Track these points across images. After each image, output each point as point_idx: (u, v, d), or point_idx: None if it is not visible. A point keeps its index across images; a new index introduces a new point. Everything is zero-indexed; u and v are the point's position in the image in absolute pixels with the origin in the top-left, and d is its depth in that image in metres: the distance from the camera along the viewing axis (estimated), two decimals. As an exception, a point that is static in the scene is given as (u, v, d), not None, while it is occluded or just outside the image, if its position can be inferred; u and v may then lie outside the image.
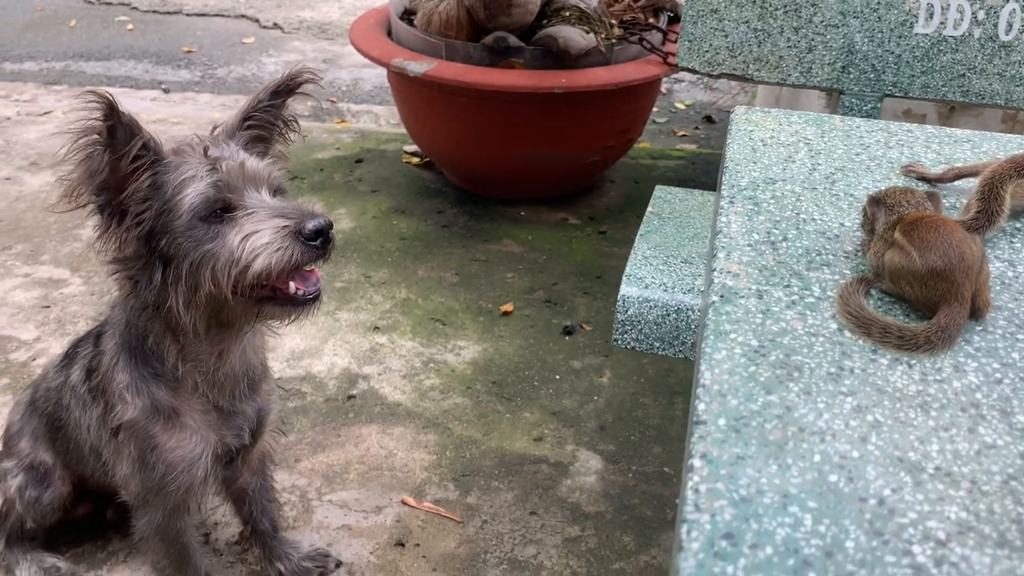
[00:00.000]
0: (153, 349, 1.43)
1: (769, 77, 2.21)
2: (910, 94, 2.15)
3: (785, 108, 3.50)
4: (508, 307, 2.81)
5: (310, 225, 1.27)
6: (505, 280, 2.94)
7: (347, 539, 2.00)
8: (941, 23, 2.09)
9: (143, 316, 1.40)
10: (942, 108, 2.82)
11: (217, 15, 5.61)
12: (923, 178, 0.79)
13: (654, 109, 4.58)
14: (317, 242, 1.28)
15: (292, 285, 1.33)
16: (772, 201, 0.85)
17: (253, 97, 1.44)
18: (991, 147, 1.00)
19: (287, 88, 1.45)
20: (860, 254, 0.79)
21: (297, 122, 1.51)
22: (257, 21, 5.53)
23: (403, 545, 1.99)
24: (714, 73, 2.23)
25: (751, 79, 2.21)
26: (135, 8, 5.64)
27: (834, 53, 2.14)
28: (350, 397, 2.42)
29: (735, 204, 0.84)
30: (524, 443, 2.29)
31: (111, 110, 1.20)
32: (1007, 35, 2.07)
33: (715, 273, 0.74)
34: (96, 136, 1.21)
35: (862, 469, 0.54)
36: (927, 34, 2.09)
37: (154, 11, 5.63)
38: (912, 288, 0.70)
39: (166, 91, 4.55)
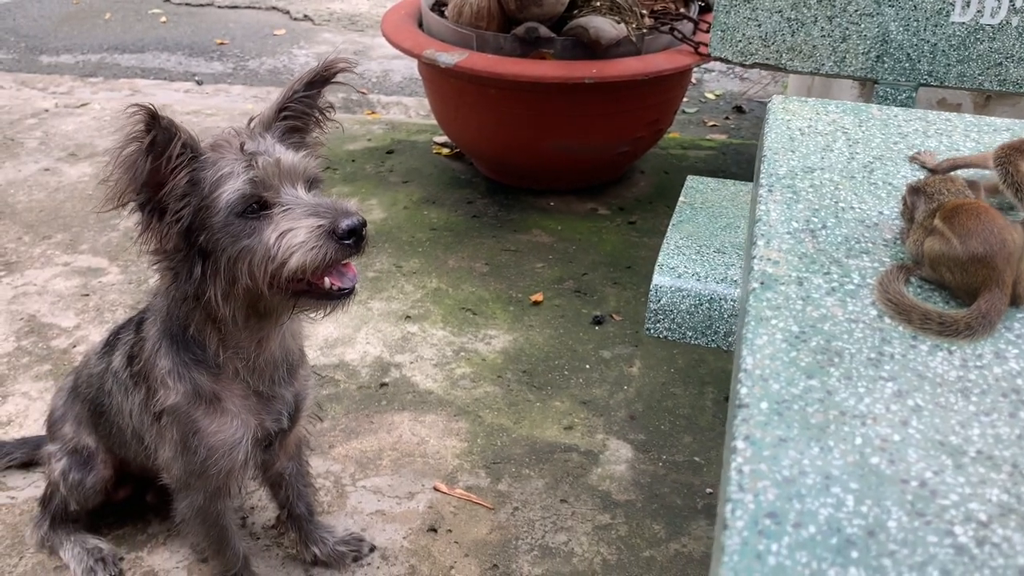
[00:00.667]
0: (194, 337, 1.47)
1: (802, 67, 2.20)
2: (946, 83, 2.13)
3: (817, 98, 3.48)
4: (538, 297, 2.82)
5: (344, 224, 1.29)
6: (535, 270, 2.95)
7: (380, 524, 2.02)
8: (978, 11, 2.07)
9: (184, 306, 1.44)
10: (978, 97, 2.79)
11: (248, 7, 5.66)
12: (925, 167, 0.80)
13: (684, 99, 4.57)
14: (351, 241, 1.30)
15: (327, 280, 1.35)
16: (811, 190, 0.86)
17: (288, 88, 1.45)
18: (1031, 136, 1.00)
19: (322, 78, 1.47)
20: (899, 242, 0.79)
21: (334, 109, 1.53)
22: (288, 13, 5.57)
23: (435, 531, 2.01)
24: (747, 63, 2.23)
25: (784, 69, 2.20)
26: (168, 1, 5.70)
27: (868, 42, 2.13)
28: (382, 385, 2.45)
29: (774, 192, 0.85)
30: (554, 431, 2.31)
31: (152, 119, 1.24)
32: (1045, 23, 2.05)
33: (755, 260, 0.75)
34: (137, 144, 1.25)
35: (903, 452, 0.55)
36: (964, 23, 2.07)
37: (187, 3, 5.68)
38: (953, 274, 0.71)
39: (199, 83, 4.60)
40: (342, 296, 1.38)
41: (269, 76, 4.73)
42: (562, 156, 3.19)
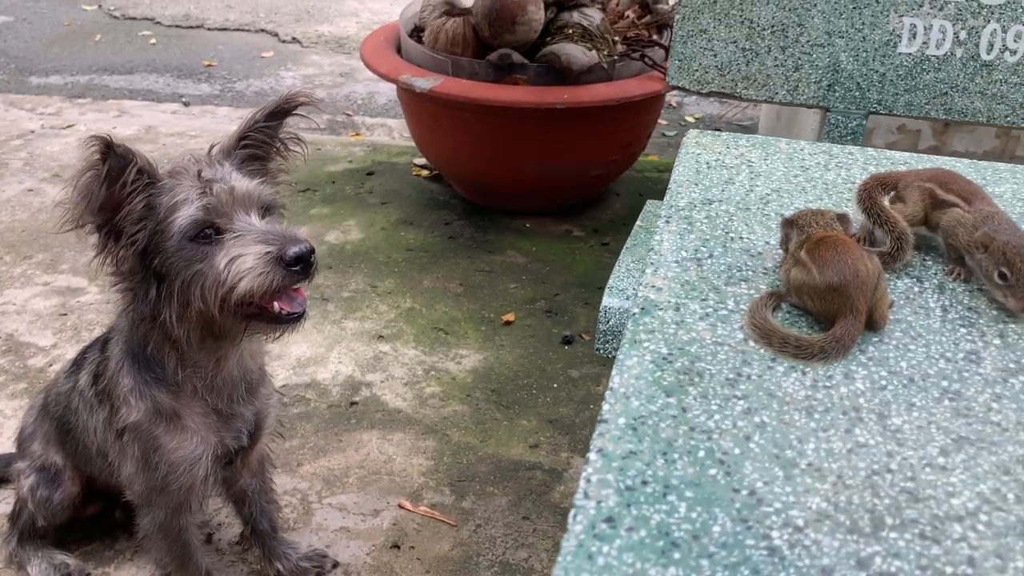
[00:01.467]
0: (154, 356, 1.52)
1: (757, 95, 2.27)
2: (894, 112, 2.20)
3: (786, 122, 3.55)
4: (510, 317, 2.88)
5: (291, 251, 1.34)
6: (508, 290, 3.01)
7: (344, 541, 2.07)
8: (924, 43, 2.14)
9: (142, 326, 1.49)
10: (936, 124, 2.87)
11: (238, 29, 5.74)
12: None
13: (663, 122, 4.65)
14: (298, 267, 1.35)
15: (277, 304, 1.40)
16: (706, 221, 0.91)
17: (249, 118, 1.51)
18: (924, 167, 1.06)
19: (283, 110, 1.52)
20: (777, 271, 0.85)
21: (300, 139, 1.58)
22: (276, 35, 5.66)
23: (398, 547, 2.05)
24: (703, 91, 2.30)
25: (739, 97, 2.27)
26: (158, 23, 5.79)
27: (820, 72, 2.20)
28: (352, 404, 2.50)
29: (670, 223, 0.91)
30: (520, 450, 2.36)
31: (107, 147, 1.30)
32: (988, 55, 2.12)
33: (640, 287, 0.81)
34: (93, 171, 1.31)
35: (740, 464, 0.61)
36: (910, 53, 2.15)
37: (176, 25, 5.77)
38: (813, 302, 0.76)
39: (186, 104, 4.67)
40: (291, 320, 1.42)
41: (255, 98, 4.80)
42: (536, 178, 3.26)
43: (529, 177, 3.25)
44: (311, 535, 2.09)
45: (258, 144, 1.52)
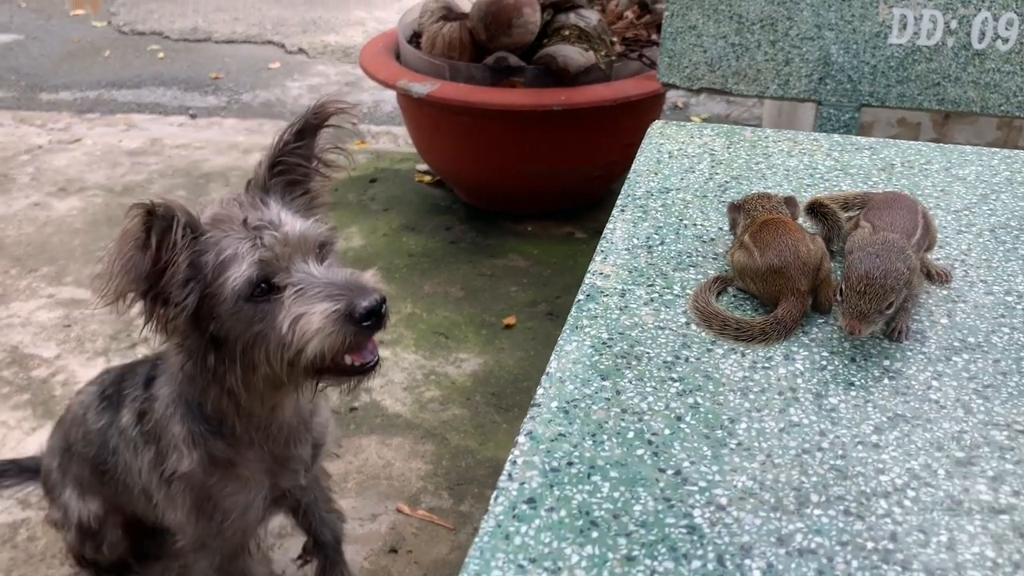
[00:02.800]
0: (213, 410, 1.42)
1: (748, 90, 2.26)
2: (887, 103, 2.19)
3: (787, 118, 3.53)
4: (511, 320, 2.87)
5: (362, 307, 1.20)
6: (509, 294, 3.01)
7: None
8: (915, 33, 2.13)
9: (199, 383, 1.38)
10: (936, 116, 2.84)
11: (245, 41, 5.79)
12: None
13: (683, 122, 4.63)
14: (370, 322, 1.22)
15: (348, 357, 1.27)
16: (661, 209, 0.91)
17: (277, 140, 1.35)
18: (890, 154, 1.05)
19: (313, 125, 1.37)
20: (727, 256, 0.85)
21: (341, 148, 1.43)
22: (283, 47, 5.69)
23: (396, 552, 2.05)
24: (694, 88, 2.29)
25: (730, 92, 2.26)
26: (166, 37, 5.84)
27: (811, 65, 2.18)
28: (352, 409, 2.50)
29: (625, 212, 0.90)
30: (518, 451, 2.35)
31: (150, 215, 1.16)
32: (980, 44, 2.10)
33: (588, 275, 0.81)
34: (135, 240, 1.17)
35: (669, 445, 0.60)
36: (901, 44, 2.13)
37: (184, 39, 5.82)
38: (756, 284, 0.76)
39: (193, 116, 4.71)
40: (365, 371, 1.29)
41: (262, 109, 4.83)
42: (537, 181, 3.25)
43: (529, 180, 3.25)
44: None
45: (294, 167, 1.36)
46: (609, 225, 0.85)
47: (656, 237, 0.84)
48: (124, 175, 3.84)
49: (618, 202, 0.90)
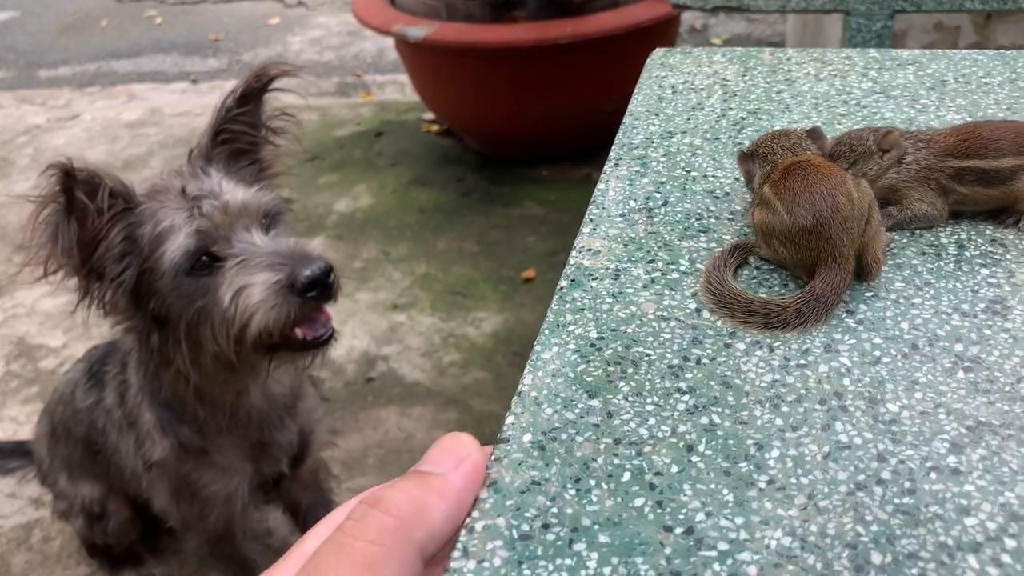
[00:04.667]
0: (170, 395, 1.35)
1: (767, 5, 2.05)
2: (923, 8, 1.96)
3: (812, 34, 3.29)
4: (530, 273, 2.72)
5: (304, 276, 1.13)
6: (527, 245, 2.85)
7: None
8: (953, -77, 1.90)
9: (151, 367, 1.32)
10: (977, 17, 2.60)
11: (243, -1, 5.60)
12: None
13: (688, 48, 4.39)
14: (315, 292, 1.15)
15: (299, 331, 1.21)
16: (663, 159, 0.74)
17: (219, 107, 1.28)
18: (939, 68, 0.87)
19: (256, 89, 1.29)
20: (747, 215, 0.68)
21: (288, 114, 1.35)
22: (281, 0, 5.49)
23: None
24: (707, 7, 2.08)
25: (748, 9, 2.05)
26: (163, 1, 5.67)
27: (836, -30, 1.96)
28: (369, 380, 2.38)
29: (619, 167, 0.74)
30: (545, 414, 2.22)
31: (66, 175, 1.09)
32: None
33: (573, 253, 0.65)
34: (54, 204, 1.11)
35: (677, 488, 0.45)
36: (938, -63, 1.90)
37: (181, 2, 5.64)
38: (786, 249, 0.59)
39: (194, 82, 4.56)
40: (318, 345, 1.23)
41: (264, 68, 4.66)
42: (549, 122, 3.07)
43: (540, 122, 3.06)
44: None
45: (239, 135, 1.29)
46: (600, 185, 0.69)
47: (658, 196, 0.68)
48: (124, 149, 3.71)
49: (611, 154, 0.74)
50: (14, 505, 2.10)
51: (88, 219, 1.13)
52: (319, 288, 1.15)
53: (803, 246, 0.58)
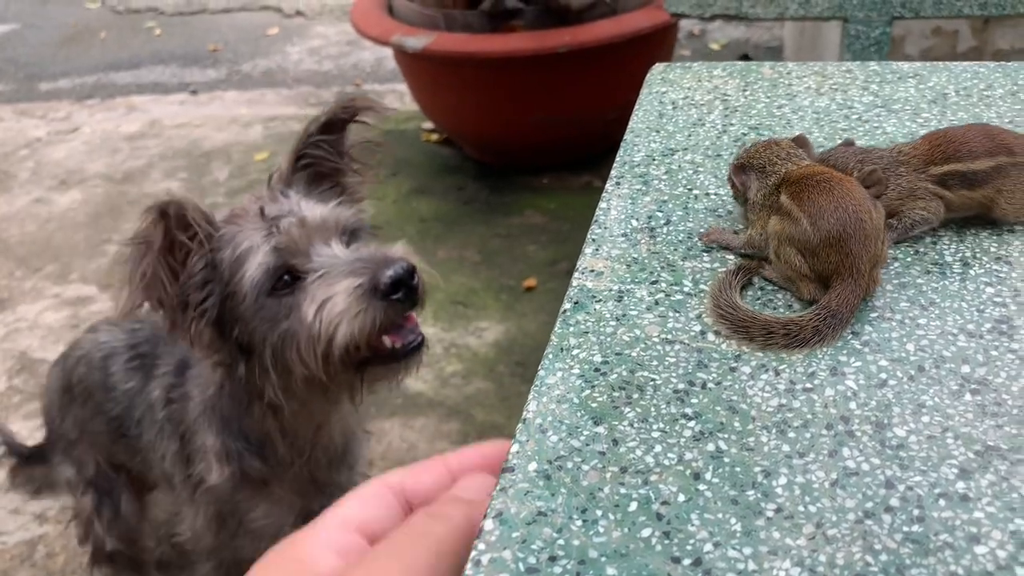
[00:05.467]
0: (256, 429, 1.30)
1: (765, 13, 2.04)
2: (921, 14, 1.96)
3: (810, 39, 3.29)
4: (531, 282, 2.72)
5: (386, 277, 1.09)
6: (528, 254, 2.85)
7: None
8: (950, -70, 1.90)
9: (238, 403, 1.27)
10: (975, 22, 2.60)
11: (241, 9, 5.60)
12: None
13: (685, 53, 4.40)
14: (399, 294, 1.10)
15: (387, 340, 1.15)
16: (665, 177, 0.74)
17: (303, 132, 1.25)
18: (940, 80, 0.87)
19: (340, 120, 1.27)
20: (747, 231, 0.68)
21: (375, 143, 1.35)
22: (280, 10, 5.50)
23: (426, 541, 1.93)
24: (706, 15, 2.08)
25: (746, 17, 2.05)
26: (162, 12, 5.67)
27: (834, -23, 1.96)
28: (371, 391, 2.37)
29: (621, 186, 0.74)
30: (548, 423, 2.21)
31: (162, 216, 1.07)
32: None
33: (576, 275, 0.65)
34: (150, 252, 1.08)
35: (685, 518, 0.45)
36: (936, -56, 1.90)
37: (180, 13, 5.65)
38: (804, 260, 0.59)
39: (193, 92, 4.56)
40: (409, 353, 1.17)
41: (263, 78, 4.67)
42: (548, 130, 3.07)
43: (540, 130, 3.06)
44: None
45: (320, 161, 1.27)
46: (602, 204, 0.69)
47: (660, 215, 0.67)
48: (124, 161, 3.71)
49: (612, 172, 0.73)
50: (18, 521, 2.10)
51: (174, 252, 1.11)
52: (404, 289, 1.11)
53: (822, 258, 0.58)
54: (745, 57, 4.35)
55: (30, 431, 2.35)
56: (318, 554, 0.42)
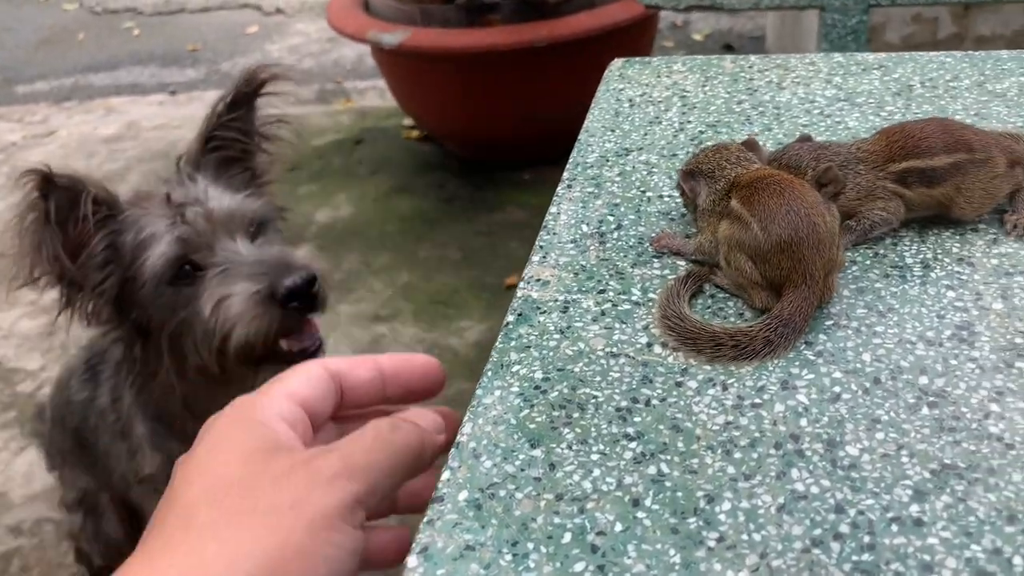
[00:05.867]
0: (161, 409, 1.31)
1: (740, 3, 2.01)
2: (898, 2, 1.94)
3: (791, 28, 3.26)
4: (513, 280, 2.68)
5: (284, 287, 1.09)
6: (510, 251, 2.82)
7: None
8: (925, -84, 1.87)
9: (138, 382, 1.28)
10: (956, 8, 2.57)
11: (220, 8, 5.55)
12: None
13: (668, 44, 4.37)
14: (297, 303, 1.10)
15: (284, 343, 1.16)
16: (618, 179, 0.71)
17: (209, 114, 1.25)
18: (906, 72, 0.84)
19: (246, 94, 1.26)
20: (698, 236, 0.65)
21: (283, 120, 1.32)
22: (259, 8, 5.45)
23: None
24: (680, 7, 2.05)
25: (722, 8, 2.02)
26: (140, 12, 5.61)
27: (809, -34, 1.94)
28: (351, 394, 2.34)
29: (572, 188, 0.71)
30: (530, 423, 2.18)
31: (46, 181, 1.07)
32: (1001, -81, 1.85)
33: (521, 284, 0.61)
34: (36, 212, 1.09)
35: (621, 549, 0.42)
36: (911, -70, 1.88)
37: (158, 13, 5.59)
38: (754, 266, 0.56)
39: (172, 93, 4.52)
40: (305, 357, 1.17)
41: (242, 77, 4.62)
42: (529, 125, 3.03)
43: (520, 125, 3.02)
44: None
45: (231, 142, 1.26)
46: (551, 209, 0.66)
47: (611, 219, 0.64)
48: (101, 164, 3.66)
49: (564, 175, 0.70)
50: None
51: (70, 227, 1.11)
52: (301, 299, 1.11)
53: (774, 264, 0.55)
54: (728, 47, 4.32)
55: (5, 441, 2.31)
56: (274, 421, 0.46)
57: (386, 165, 3.36)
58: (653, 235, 0.65)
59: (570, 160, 0.73)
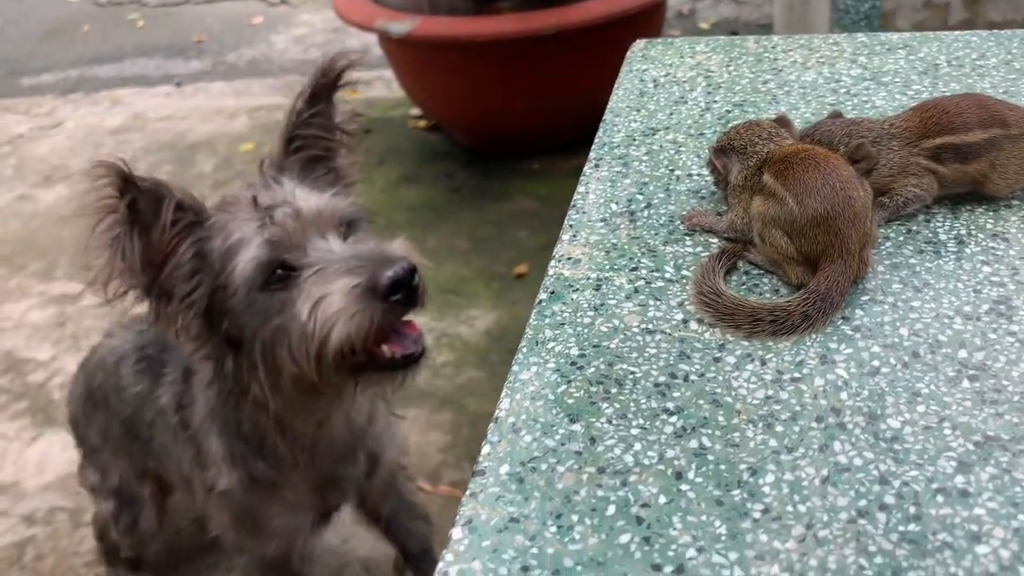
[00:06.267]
0: (249, 428, 1.26)
1: (752, -11, 2.00)
2: (912, -15, 1.92)
3: (799, 15, 3.25)
4: (522, 269, 2.68)
5: (385, 278, 1.02)
6: (519, 240, 2.81)
7: (362, 534, 1.93)
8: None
9: (230, 400, 1.22)
10: (966, -8, 2.56)
11: (225, -1, 5.54)
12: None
13: (675, 32, 4.35)
14: (399, 295, 1.03)
15: (386, 348, 1.08)
16: (646, 158, 0.71)
17: (290, 113, 1.18)
18: (931, 51, 0.83)
19: (325, 87, 1.20)
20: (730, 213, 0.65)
21: (357, 113, 1.27)
22: (265, -1, 5.44)
23: (424, 533, 1.91)
24: (692, -7, 2.04)
25: (733, -6, 2.01)
26: (145, 4, 5.60)
27: (821, -49, 1.93)
28: (361, 383, 2.34)
29: (600, 168, 0.71)
30: (541, 411, 2.18)
31: (124, 180, 0.99)
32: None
33: (552, 263, 0.61)
34: (115, 216, 1.01)
35: (667, 521, 0.42)
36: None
37: (163, 4, 5.58)
38: (789, 241, 0.56)
39: (178, 84, 4.51)
40: (408, 364, 1.10)
41: (248, 68, 4.61)
42: (537, 114, 3.03)
43: (529, 114, 3.02)
44: (327, 532, 1.95)
45: (313, 141, 1.20)
46: (579, 188, 0.66)
47: (640, 198, 0.64)
48: (108, 156, 3.66)
49: (591, 154, 0.70)
50: (6, 523, 2.07)
51: (153, 234, 1.04)
52: (403, 290, 1.04)
53: (810, 238, 0.55)
54: (734, 35, 4.30)
55: (16, 431, 2.32)
56: None
57: (393, 155, 3.36)
58: (684, 213, 0.65)
59: (596, 140, 0.72)
